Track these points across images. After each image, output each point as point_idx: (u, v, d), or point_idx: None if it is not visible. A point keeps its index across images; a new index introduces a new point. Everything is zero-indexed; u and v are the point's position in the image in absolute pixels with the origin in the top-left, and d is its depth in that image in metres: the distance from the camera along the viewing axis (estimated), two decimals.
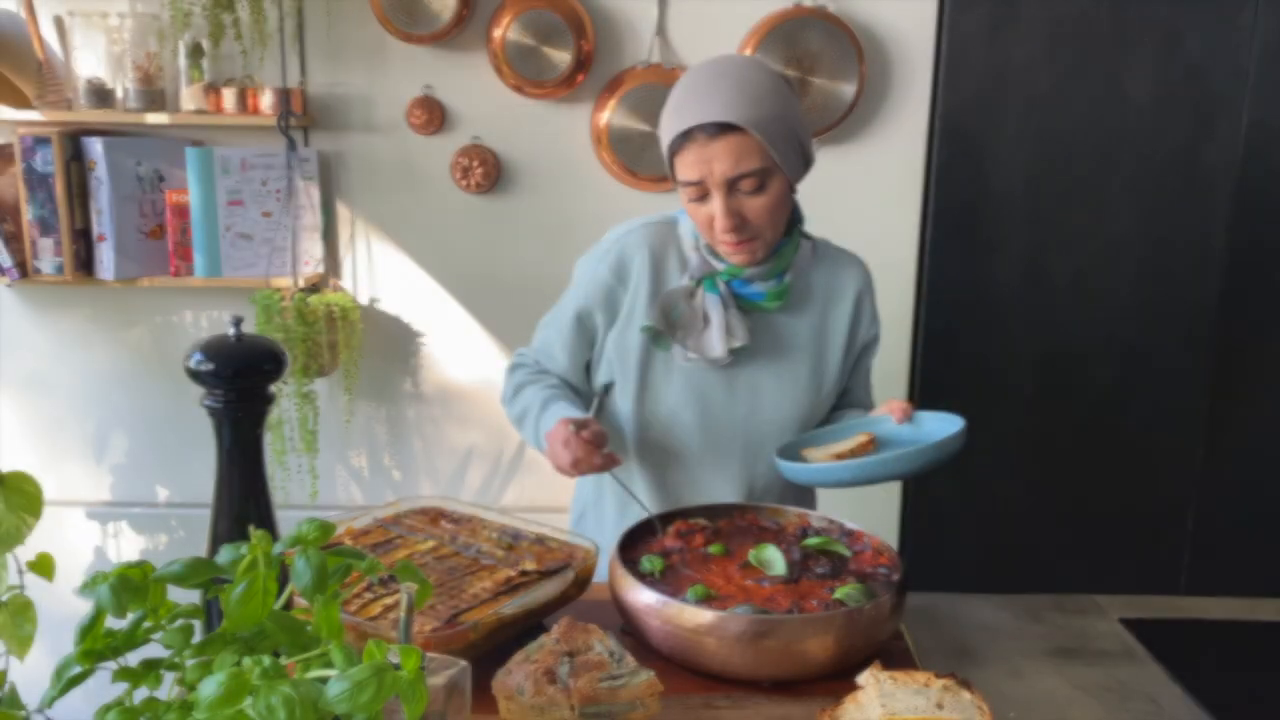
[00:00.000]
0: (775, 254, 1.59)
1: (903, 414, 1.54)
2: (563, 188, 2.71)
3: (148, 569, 0.96)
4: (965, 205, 2.74)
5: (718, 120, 1.43)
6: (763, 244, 1.54)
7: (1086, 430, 2.84)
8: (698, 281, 1.59)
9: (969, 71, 2.67)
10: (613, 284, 1.62)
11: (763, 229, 1.52)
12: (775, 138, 1.46)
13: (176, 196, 2.56)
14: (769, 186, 1.50)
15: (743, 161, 1.45)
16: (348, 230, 2.75)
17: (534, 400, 1.64)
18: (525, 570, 1.35)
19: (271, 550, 0.94)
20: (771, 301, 1.60)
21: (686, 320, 1.57)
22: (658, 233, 1.64)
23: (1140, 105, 2.67)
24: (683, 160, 1.49)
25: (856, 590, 1.30)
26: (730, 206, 1.49)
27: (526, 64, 2.56)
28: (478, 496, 2.89)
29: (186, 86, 2.57)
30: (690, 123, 1.45)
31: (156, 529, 2.85)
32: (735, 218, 1.49)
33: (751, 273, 1.58)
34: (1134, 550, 2.91)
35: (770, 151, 1.46)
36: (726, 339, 1.57)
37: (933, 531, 2.91)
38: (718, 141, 1.44)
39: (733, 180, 1.47)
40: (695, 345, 1.58)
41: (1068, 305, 2.78)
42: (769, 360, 1.65)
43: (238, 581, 0.93)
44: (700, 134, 1.45)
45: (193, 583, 0.94)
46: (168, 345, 2.79)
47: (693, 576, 1.37)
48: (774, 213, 1.52)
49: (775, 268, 1.60)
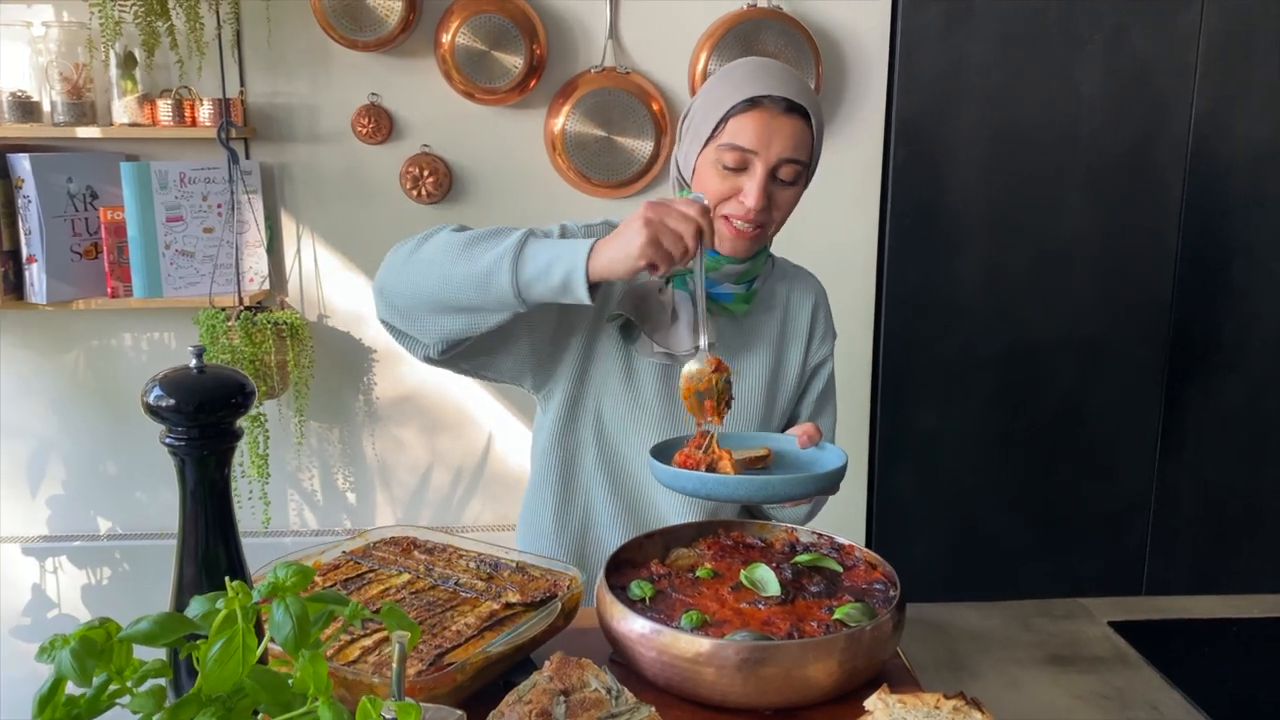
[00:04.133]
0: (753, 258, 1.55)
1: (808, 439, 1.49)
2: (517, 195, 2.64)
3: (112, 628, 0.88)
4: (924, 205, 2.73)
5: (794, 99, 1.43)
6: (761, 239, 1.52)
7: (1048, 427, 2.85)
8: (667, 279, 1.54)
9: (924, 70, 2.66)
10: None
11: (775, 222, 1.51)
12: (819, 143, 1.50)
13: (111, 214, 2.44)
14: (799, 183, 1.50)
15: (798, 147, 1.45)
16: (294, 245, 2.65)
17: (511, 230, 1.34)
18: (510, 602, 1.29)
19: (250, 602, 0.86)
20: (739, 305, 1.58)
21: (655, 314, 1.53)
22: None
23: (1092, 102, 2.69)
24: (741, 124, 1.44)
25: (857, 610, 1.26)
26: (767, 187, 1.46)
27: (477, 69, 2.49)
28: (436, 516, 2.81)
29: (119, 99, 2.45)
30: (764, 90, 1.43)
31: (99, 563, 2.72)
32: (766, 198, 1.46)
33: (725, 271, 1.54)
34: (1099, 547, 2.92)
35: (815, 150, 1.48)
36: (694, 335, 1.52)
37: (900, 535, 2.89)
38: (785, 118, 1.43)
39: (782, 161, 1.45)
40: (663, 339, 1.53)
41: (1026, 303, 2.79)
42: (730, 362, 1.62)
43: (214, 638, 0.85)
44: (772, 105, 1.43)
45: (164, 642, 0.85)
46: (106, 370, 2.66)
47: (685, 601, 1.32)
48: (791, 209, 1.53)
49: (748, 272, 1.56)
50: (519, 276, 1.28)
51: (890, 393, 2.83)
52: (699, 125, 1.50)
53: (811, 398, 1.72)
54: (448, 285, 1.33)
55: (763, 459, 1.48)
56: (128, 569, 2.71)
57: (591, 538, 1.66)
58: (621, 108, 2.55)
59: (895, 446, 2.85)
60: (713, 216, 1.49)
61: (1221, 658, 1.52)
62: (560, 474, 1.64)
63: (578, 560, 1.66)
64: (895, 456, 2.85)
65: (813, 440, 1.49)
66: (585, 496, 1.65)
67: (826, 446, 1.49)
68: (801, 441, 1.49)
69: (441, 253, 1.34)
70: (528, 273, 1.28)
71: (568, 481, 1.64)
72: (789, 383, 1.67)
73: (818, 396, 1.72)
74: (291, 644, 0.87)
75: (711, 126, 1.46)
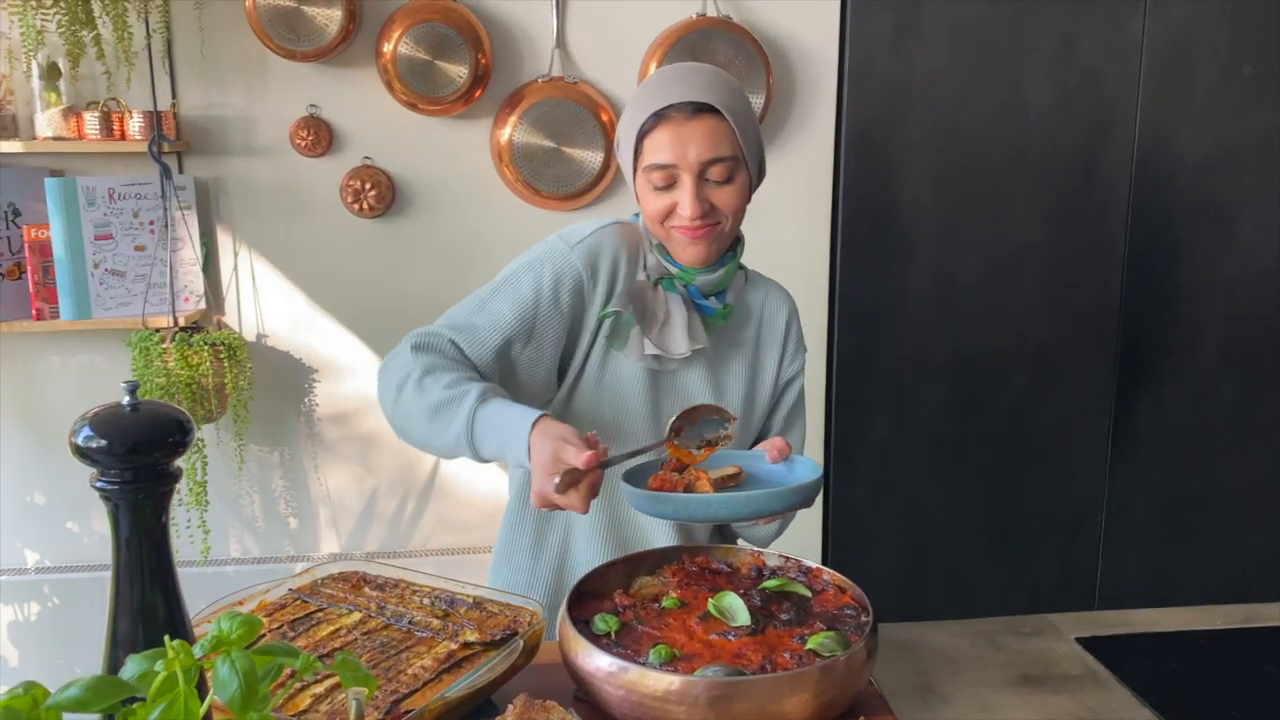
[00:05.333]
0: (723, 265, 1.52)
1: (778, 454, 1.46)
2: (463, 208, 2.57)
3: (39, 695, 0.80)
4: (875, 215, 2.72)
5: (697, 100, 1.39)
6: (719, 237, 1.48)
7: (1001, 436, 2.85)
8: (656, 281, 1.50)
9: (874, 80, 2.65)
10: (583, 277, 1.49)
11: (725, 218, 1.46)
12: (745, 129, 1.44)
13: (36, 232, 2.32)
14: (736, 178, 1.45)
15: (718, 145, 1.40)
16: (230, 262, 2.55)
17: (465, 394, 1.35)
18: (468, 642, 1.22)
19: (191, 663, 0.79)
20: (719, 319, 1.54)
21: (652, 312, 1.49)
22: (632, 232, 1.55)
23: (1040, 111, 2.70)
24: (654, 142, 1.41)
25: (830, 639, 1.21)
26: (700, 193, 1.42)
27: (420, 79, 2.42)
28: (384, 542, 2.72)
29: (42, 111, 2.34)
30: (667, 101, 1.39)
31: (27, 597, 2.58)
32: (703, 203, 1.42)
33: (702, 281, 1.50)
34: (1053, 556, 2.93)
35: (740, 141, 1.43)
36: (689, 337, 1.49)
37: (856, 549, 2.87)
38: (694, 123, 1.39)
39: (705, 164, 1.40)
40: (658, 339, 1.49)
41: (977, 311, 2.79)
42: (709, 373, 1.59)
43: (153, 703, 0.78)
44: (677, 114, 1.39)
45: (98, 708, 0.78)
46: (33, 396, 2.54)
47: (652, 634, 1.26)
48: (738, 205, 1.48)
49: (721, 281, 1.53)
50: (480, 455, 1.35)
51: (845, 405, 2.81)
52: (624, 152, 1.47)
53: (783, 412, 1.68)
54: (430, 447, 1.42)
55: (734, 477, 1.44)
56: (57, 603, 2.58)
57: (571, 563, 1.60)
58: (570, 118, 2.49)
59: (850, 459, 2.83)
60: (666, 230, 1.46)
61: (1191, 673, 1.50)
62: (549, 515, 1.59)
63: (556, 585, 1.61)
64: (850, 470, 2.83)
65: (783, 455, 1.45)
66: (566, 518, 1.60)
67: (797, 460, 1.45)
68: (772, 456, 1.45)
69: (414, 419, 1.39)
70: (485, 453, 1.34)
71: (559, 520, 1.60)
72: (764, 395, 1.64)
73: (789, 411, 1.69)
74: (238, 704, 0.81)
75: (633, 151, 1.44)
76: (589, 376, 1.53)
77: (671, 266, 1.52)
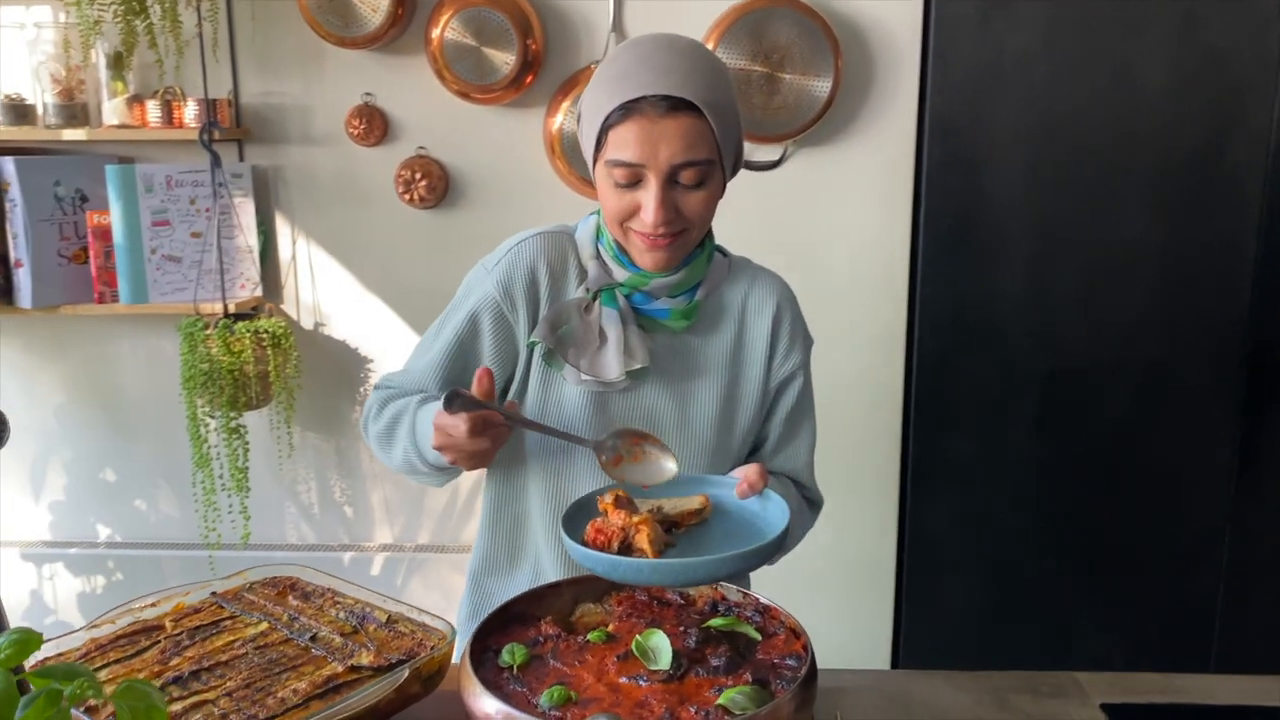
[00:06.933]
0: (686, 265, 1.36)
1: (749, 488, 1.28)
2: (515, 199, 2.49)
3: None
4: (961, 210, 2.48)
5: (675, 95, 1.22)
6: (685, 243, 1.33)
7: (1100, 461, 2.55)
8: (594, 295, 1.36)
9: (961, 63, 2.40)
10: (500, 303, 1.39)
11: (691, 225, 1.31)
12: (726, 128, 1.27)
13: (98, 218, 2.39)
14: (709, 183, 1.29)
15: (693, 148, 1.24)
16: (289, 250, 2.56)
17: (408, 404, 1.39)
18: (357, 665, 1.13)
19: None
20: (677, 320, 1.38)
21: (580, 337, 1.35)
22: (554, 242, 1.42)
23: (1154, 96, 2.39)
24: (620, 136, 1.25)
25: (745, 694, 1.06)
26: (666, 198, 1.27)
27: (468, 67, 2.35)
28: (434, 535, 2.68)
29: (109, 100, 2.40)
30: (639, 92, 1.22)
31: (94, 571, 2.68)
32: (669, 210, 1.27)
33: (656, 285, 1.36)
34: (1162, 605, 2.61)
35: (719, 142, 1.27)
36: (624, 359, 1.34)
37: (932, 572, 2.64)
38: (668, 120, 1.23)
39: (676, 168, 1.25)
40: (589, 366, 1.35)
41: (1076, 320, 2.50)
42: (673, 387, 1.42)
43: None
44: (649, 109, 1.23)
45: None
46: (102, 378, 2.62)
47: (560, 671, 1.14)
48: (708, 211, 1.32)
49: (684, 282, 1.37)
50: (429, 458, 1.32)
51: (924, 416, 2.58)
52: (585, 136, 1.32)
53: (780, 417, 1.50)
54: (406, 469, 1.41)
55: (699, 512, 1.28)
56: (121, 578, 2.66)
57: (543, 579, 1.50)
58: None
59: (927, 477, 2.59)
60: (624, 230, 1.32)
61: None
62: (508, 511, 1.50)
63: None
64: (928, 489, 2.60)
65: (754, 489, 1.28)
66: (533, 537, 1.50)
67: (771, 497, 1.29)
68: (741, 490, 1.29)
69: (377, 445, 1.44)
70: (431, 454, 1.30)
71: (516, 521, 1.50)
72: (748, 405, 1.46)
73: (787, 415, 1.50)
74: None
75: (594, 141, 1.28)
76: (531, 399, 1.41)
77: (618, 273, 1.38)
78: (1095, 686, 1.39)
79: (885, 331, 2.56)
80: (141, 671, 1.13)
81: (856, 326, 2.54)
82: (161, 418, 2.58)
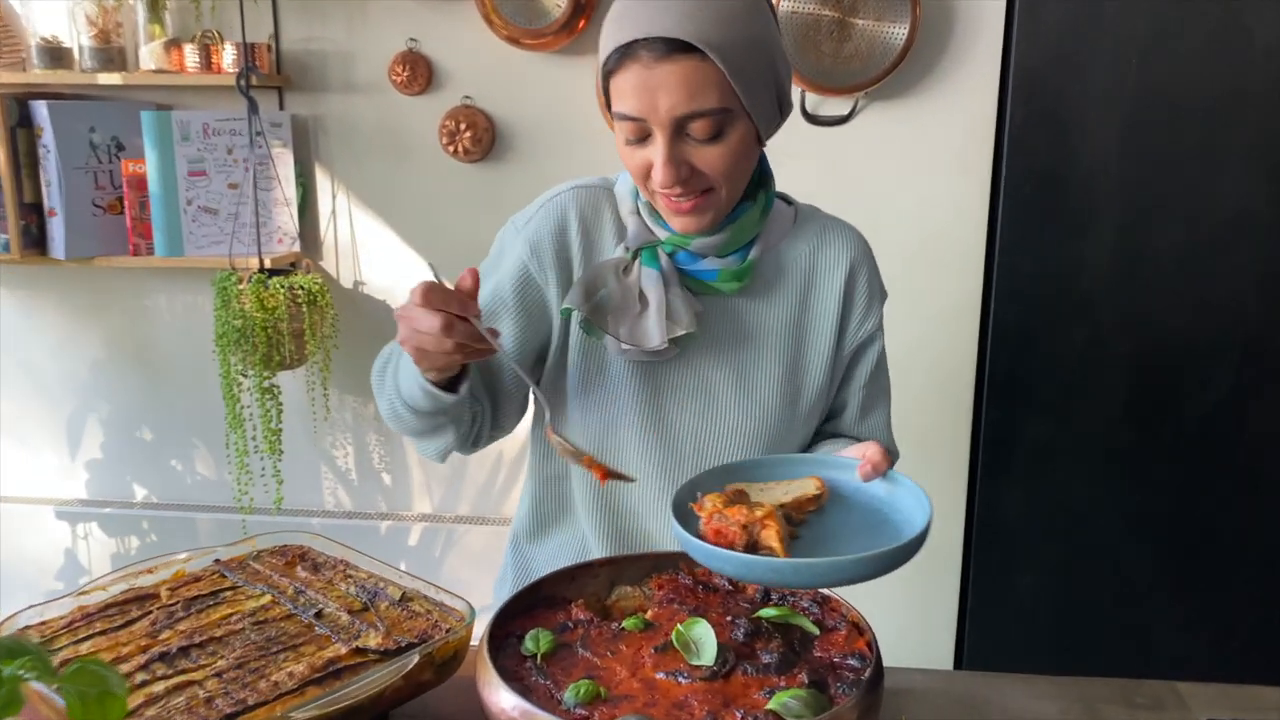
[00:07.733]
0: (733, 221, 1.20)
1: (873, 470, 1.10)
2: (565, 153, 2.35)
3: None
4: (1045, 174, 2.28)
5: (668, 35, 1.05)
6: (714, 204, 1.16)
7: (1193, 450, 2.35)
8: (634, 254, 1.21)
9: (1051, 12, 2.20)
10: (528, 264, 1.25)
11: (717, 183, 1.14)
12: (744, 69, 1.08)
13: (134, 167, 2.30)
14: (729, 133, 1.11)
15: (698, 96, 1.07)
16: (329, 205, 2.45)
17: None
18: (363, 648, 1.01)
19: None
20: (728, 283, 1.22)
21: (618, 301, 1.20)
22: (589, 197, 1.27)
23: (1270, 49, 2.17)
24: (620, 86, 1.10)
25: (801, 698, 0.91)
26: (675, 154, 1.11)
27: (517, 10, 2.21)
28: (474, 507, 2.57)
29: (146, 44, 2.30)
30: (633, 35, 1.06)
31: (128, 531, 2.61)
32: (680, 168, 1.11)
33: (702, 244, 1.20)
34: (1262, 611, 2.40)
35: (735, 87, 1.08)
36: (667, 325, 1.18)
37: (1002, 565, 2.46)
38: (665, 65, 1.06)
39: (681, 120, 1.09)
40: (629, 333, 1.20)
41: (1171, 292, 2.29)
42: (729, 356, 1.27)
43: None
44: (644, 52, 1.06)
45: None
46: (139, 333, 2.55)
47: (589, 662, 1.00)
48: (733, 166, 1.14)
49: (734, 240, 1.21)
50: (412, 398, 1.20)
51: (998, 394, 2.39)
52: (602, 87, 1.16)
53: (859, 383, 1.34)
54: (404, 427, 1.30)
55: (815, 499, 1.11)
56: (154, 540, 2.59)
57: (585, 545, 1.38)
58: None
59: (1001, 460, 2.41)
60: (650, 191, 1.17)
61: None
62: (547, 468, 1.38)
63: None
64: (1001, 473, 2.42)
65: (878, 470, 1.10)
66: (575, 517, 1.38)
67: (898, 480, 1.10)
68: (865, 473, 1.10)
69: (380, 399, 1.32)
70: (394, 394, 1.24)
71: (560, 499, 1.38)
72: (815, 375, 1.30)
73: (865, 385, 1.34)
74: None
75: (604, 91, 1.14)
76: (572, 371, 1.26)
77: (660, 231, 1.23)
78: (1199, 699, 1.22)
79: (959, 303, 2.37)
80: (127, 645, 1.01)
81: (926, 296, 2.36)
82: (197, 376, 2.49)
